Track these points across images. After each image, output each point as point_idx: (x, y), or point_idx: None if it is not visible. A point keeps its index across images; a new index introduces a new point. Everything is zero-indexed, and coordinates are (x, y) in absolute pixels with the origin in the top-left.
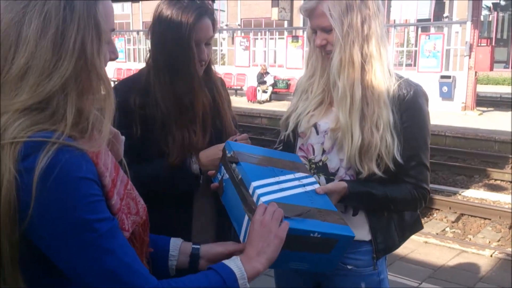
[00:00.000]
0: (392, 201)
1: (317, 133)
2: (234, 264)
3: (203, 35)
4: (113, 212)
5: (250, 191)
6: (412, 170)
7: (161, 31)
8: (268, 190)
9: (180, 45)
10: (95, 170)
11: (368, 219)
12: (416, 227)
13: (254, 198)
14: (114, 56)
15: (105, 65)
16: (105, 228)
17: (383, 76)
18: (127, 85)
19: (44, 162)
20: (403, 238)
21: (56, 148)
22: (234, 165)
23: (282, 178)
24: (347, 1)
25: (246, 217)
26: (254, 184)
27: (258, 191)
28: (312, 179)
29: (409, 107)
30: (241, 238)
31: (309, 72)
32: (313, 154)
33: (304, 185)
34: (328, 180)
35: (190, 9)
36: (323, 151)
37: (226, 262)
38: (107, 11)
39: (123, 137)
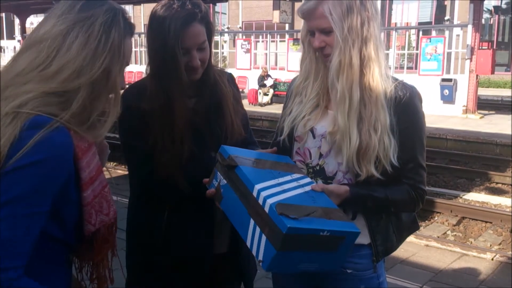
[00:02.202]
0: (392, 203)
1: (314, 137)
2: None
3: (192, 42)
4: (82, 204)
5: (255, 194)
6: (410, 172)
7: (152, 37)
8: (272, 192)
9: (165, 54)
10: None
11: (368, 222)
12: (413, 227)
13: (260, 201)
14: (123, 85)
15: (123, 88)
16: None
17: (381, 78)
18: (132, 93)
19: (40, 136)
20: (401, 239)
21: (54, 127)
22: (233, 169)
23: (281, 180)
24: (347, 2)
25: (252, 221)
26: (258, 186)
27: (263, 193)
28: (308, 179)
29: (406, 109)
30: (248, 243)
31: (302, 75)
32: (310, 159)
33: (302, 186)
34: (326, 184)
35: (178, 16)
36: (320, 155)
37: None
38: (129, 47)
39: (109, 151)
